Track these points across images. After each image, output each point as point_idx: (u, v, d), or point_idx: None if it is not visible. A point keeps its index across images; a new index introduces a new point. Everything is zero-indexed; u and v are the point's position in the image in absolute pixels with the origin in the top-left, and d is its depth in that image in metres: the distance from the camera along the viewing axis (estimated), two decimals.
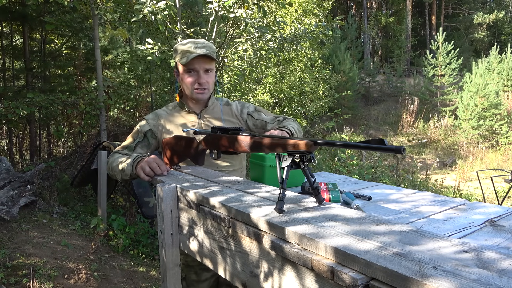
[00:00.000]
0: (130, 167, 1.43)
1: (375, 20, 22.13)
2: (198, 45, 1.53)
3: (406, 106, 13.87)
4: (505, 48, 13.61)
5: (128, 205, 4.33)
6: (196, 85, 1.55)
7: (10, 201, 3.56)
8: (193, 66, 1.53)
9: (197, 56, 1.50)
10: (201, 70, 1.54)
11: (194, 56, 1.49)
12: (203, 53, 1.50)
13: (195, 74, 1.55)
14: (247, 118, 1.68)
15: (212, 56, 1.53)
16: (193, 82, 1.55)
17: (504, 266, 0.58)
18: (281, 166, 0.95)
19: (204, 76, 1.55)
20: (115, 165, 1.52)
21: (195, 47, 1.52)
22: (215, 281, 1.64)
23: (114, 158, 1.56)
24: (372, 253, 0.64)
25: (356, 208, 1.15)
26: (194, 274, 1.60)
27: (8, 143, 6.24)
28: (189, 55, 1.51)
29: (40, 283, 2.49)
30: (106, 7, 4.74)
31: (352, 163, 5.66)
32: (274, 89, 7.86)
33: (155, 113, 1.67)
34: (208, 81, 1.57)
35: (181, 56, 1.54)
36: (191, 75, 1.55)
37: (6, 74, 6.33)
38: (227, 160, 1.61)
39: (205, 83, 1.56)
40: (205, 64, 1.54)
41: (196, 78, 1.55)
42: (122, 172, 1.47)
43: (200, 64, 1.53)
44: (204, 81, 1.55)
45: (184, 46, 1.54)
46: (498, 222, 1.05)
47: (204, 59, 1.53)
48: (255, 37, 4.56)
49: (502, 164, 9.32)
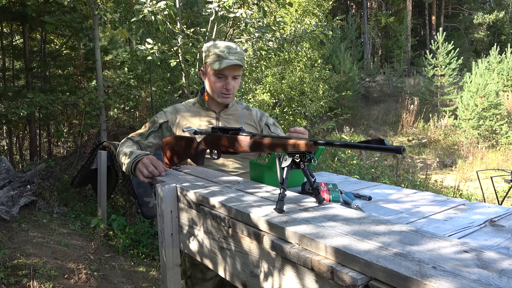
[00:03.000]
0: (129, 168, 1.44)
1: (375, 20, 22.13)
2: (231, 51, 1.54)
3: (406, 106, 13.87)
4: (505, 48, 13.62)
5: (128, 205, 4.33)
6: (223, 90, 1.58)
7: (10, 201, 3.56)
8: (224, 73, 1.56)
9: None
10: (230, 76, 1.57)
11: (228, 64, 1.51)
12: (235, 63, 1.52)
13: (224, 79, 1.57)
14: (264, 127, 1.72)
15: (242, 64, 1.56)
16: (221, 87, 1.58)
17: (504, 266, 0.58)
18: (281, 166, 0.95)
19: (231, 82, 1.58)
20: (121, 156, 1.53)
21: (228, 53, 1.53)
22: (220, 280, 1.65)
23: (124, 147, 1.57)
24: (372, 253, 0.64)
25: (356, 208, 1.15)
26: (199, 273, 1.60)
27: (8, 143, 6.24)
28: (222, 61, 1.52)
29: (40, 283, 2.49)
30: (106, 7, 4.74)
31: (352, 163, 5.66)
32: (274, 89, 7.85)
33: (174, 107, 1.69)
34: (234, 86, 1.60)
35: (213, 60, 1.54)
36: (220, 80, 1.57)
37: (6, 74, 6.34)
38: (238, 161, 1.62)
39: (232, 89, 1.59)
40: (235, 71, 1.57)
41: (224, 83, 1.57)
42: (123, 166, 1.49)
43: (231, 71, 1.56)
44: (231, 87, 1.58)
45: (216, 50, 1.54)
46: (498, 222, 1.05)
47: (234, 66, 1.55)
48: (255, 37, 4.56)
49: (502, 164, 9.32)
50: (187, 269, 1.63)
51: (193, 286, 1.61)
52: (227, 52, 1.53)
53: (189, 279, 1.62)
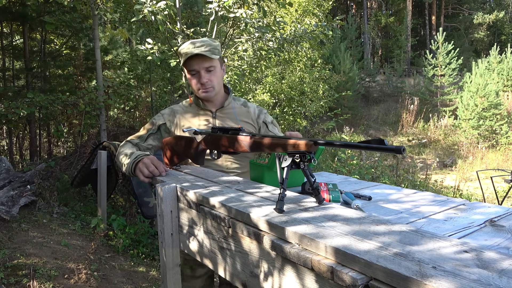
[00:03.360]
0: (129, 168, 1.44)
1: (375, 20, 22.13)
2: (196, 45, 1.50)
3: (406, 106, 13.87)
4: (505, 48, 13.61)
5: (128, 205, 4.33)
6: (199, 86, 1.55)
7: (10, 201, 3.56)
8: (193, 67, 1.53)
9: (194, 57, 1.49)
10: (202, 70, 1.53)
11: (188, 57, 1.49)
12: (197, 53, 1.48)
13: (197, 74, 1.54)
14: (262, 125, 1.69)
15: (209, 55, 1.49)
16: (196, 82, 1.55)
17: (504, 266, 0.58)
18: (281, 166, 0.95)
19: (205, 76, 1.53)
20: (121, 157, 1.53)
21: (193, 47, 1.50)
22: (209, 277, 1.66)
23: (124, 148, 1.57)
24: (372, 253, 0.64)
25: (356, 208, 1.15)
26: (189, 269, 1.61)
27: (8, 143, 6.24)
28: (186, 56, 1.50)
29: (40, 283, 2.49)
30: (106, 7, 4.74)
31: (352, 163, 5.66)
32: (274, 89, 7.86)
33: (171, 109, 1.68)
34: (211, 79, 1.55)
35: (182, 59, 1.54)
36: (194, 76, 1.55)
37: (6, 74, 6.34)
38: (237, 161, 1.61)
39: (208, 82, 1.54)
40: (204, 63, 1.52)
41: (198, 78, 1.54)
42: (123, 167, 1.49)
43: (199, 64, 1.52)
44: (206, 80, 1.53)
45: (183, 49, 1.53)
46: (498, 222, 1.05)
47: (202, 58, 1.50)
48: (255, 37, 4.56)
49: (502, 164, 9.32)
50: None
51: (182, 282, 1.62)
52: (192, 47, 1.50)
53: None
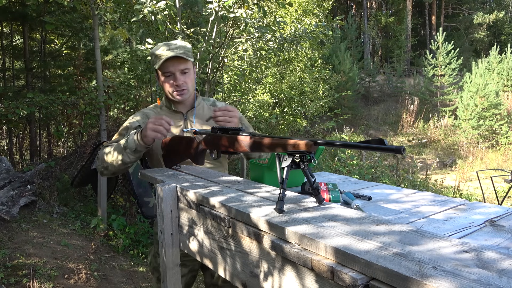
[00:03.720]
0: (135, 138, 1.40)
1: (375, 20, 22.14)
2: (171, 47, 1.51)
3: (406, 106, 13.87)
4: (505, 48, 13.62)
5: (128, 205, 4.33)
6: (174, 87, 1.54)
7: (10, 201, 3.56)
8: (168, 69, 1.52)
9: (170, 59, 1.49)
10: (177, 72, 1.53)
11: (164, 59, 1.48)
12: (173, 55, 1.48)
13: (172, 76, 1.54)
14: None
15: (185, 57, 1.51)
16: (171, 85, 1.55)
17: (504, 266, 0.58)
18: (281, 166, 0.95)
19: (180, 78, 1.54)
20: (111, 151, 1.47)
21: (168, 50, 1.50)
22: (192, 277, 1.67)
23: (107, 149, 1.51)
24: (372, 253, 0.64)
25: (356, 208, 1.15)
26: None
27: (8, 143, 6.24)
28: (161, 58, 1.50)
29: (40, 283, 2.49)
30: (106, 7, 4.73)
31: (352, 163, 5.66)
32: (274, 89, 7.86)
33: (143, 112, 1.66)
34: (186, 81, 1.55)
35: (155, 61, 1.53)
36: (168, 78, 1.54)
37: (6, 74, 6.34)
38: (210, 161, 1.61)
39: (183, 84, 1.54)
40: (179, 65, 1.52)
41: (173, 80, 1.54)
42: (124, 150, 1.43)
43: (175, 66, 1.52)
44: (181, 82, 1.54)
45: (157, 51, 1.53)
46: (498, 222, 1.05)
47: (178, 60, 1.51)
48: (255, 37, 4.56)
49: (502, 164, 9.32)
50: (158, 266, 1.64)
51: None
52: (167, 49, 1.50)
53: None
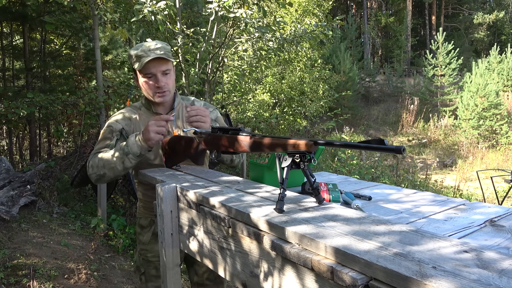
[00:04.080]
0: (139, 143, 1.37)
1: (375, 20, 22.14)
2: (151, 48, 1.48)
3: (406, 106, 13.87)
4: (505, 48, 13.62)
5: (128, 205, 4.33)
6: (156, 89, 1.52)
7: (10, 201, 3.56)
8: (150, 71, 1.49)
9: (151, 60, 1.47)
10: (158, 73, 1.50)
11: (147, 60, 1.46)
12: (156, 56, 1.46)
13: (153, 78, 1.51)
14: None
15: (166, 57, 1.49)
16: (152, 86, 1.51)
17: (504, 266, 0.58)
18: (281, 166, 0.95)
19: (162, 79, 1.51)
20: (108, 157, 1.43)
21: (148, 50, 1.48)
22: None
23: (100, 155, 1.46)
24: (372, 253, 0.64)
25: (356, 208, 1.15)
26: (153, 269, 1.62)
27: (8, 143, 6.24)
28: (143, 60, 1.46)
29: (40, 283, 2.49)
30: (106, 7, 4.73)
31: (352, 163, 5.66)
32: (274, 89, 7.86)
33: (123, 114, 1.61)
34: (167, 82, 1.52)
35: (135, 61, 1.50)
36: (149, 79, 1.51)
37: (6, 74, 6.34)
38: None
39: (165, 85, 1.52)
40: (160, 66, 1.50)
41: (154, 81, 1.51)
42: (126, 156, 1.40)
43: (156, 67, 1.49)
44: (163, 83, 1.51)
45: (137, 51, 1.49)
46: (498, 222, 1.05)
47: (159, 61, 1.49)
48: (255, 37, 4.56)
49: (502, 164, 9.32)
50: (140, 266, 1.66)
51: (146, 282, 1.63)
52: (147, 50, 1.48)
53: (143, 275, 1.64)
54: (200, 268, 1.70)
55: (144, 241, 1.65)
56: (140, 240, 1.67)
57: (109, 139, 1.54)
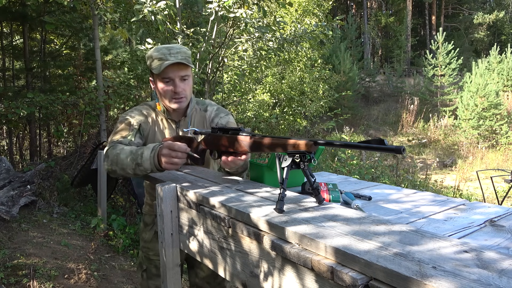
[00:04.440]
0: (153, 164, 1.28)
1: (375, 20, 22.14)
2: (172, 52, 1.44)
3: (406, 106, 13.87)
4: (505, 48, 13.62)
5: (128, 205, 4.33)
6: (173, 94, 1.47)
7: (10, 201, 3.56)
8: (168, 75, 1.45)
9: (171, 64, 1.43)
10: (177, 78, 1.46)
11: (167, 64, 1.41)
12: (176, 61, 1.42)
13: (171, 82, 1.47)
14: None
15: (186, 63, 1.45)
16: (170, 91, 1.47)
17: (504, 266, 0.58)
18: (281, 166, 0.95)
19: (180, 85, 1.47)
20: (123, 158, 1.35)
21: (169, 54, 1.44)
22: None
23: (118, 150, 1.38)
24: (372, 253, 0.64)
25: (356, 208, 1.15)
26: (154, 268, 1.64)
27: (8, 143, 6.24)
28: (162, 63, 1.43)
29: (40, 283, 2.49)
30: (106, 7, 4.74)
31: (352, 163, 5.66)
32: (274, 89, 7.86)
33: (139, 110, 1.58)
34: (185, 88, 1.48)
35: (155, 64, 1.46)
36: (167, 84, 1.47)
37: (6, 74, 6.34)
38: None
39: (182, 91, 1.48)
40: (180, 71, 1.46)
41: (172, 87, 1.47)
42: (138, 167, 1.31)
43: (175, 72, 1.45)
44: (181, 89, 1.47)
45: (157, 53, 1.46)
46: (498, 222, 1.05)
47: (178, 66, 1.45)
48: (255, 37, 4.56)
49: (502, 164, 9.32)
50: (143, 262, 1.67)
51: (147, 279, 1.66)
52: (168, 53, 1.44)
53: (145, 272, 1.66)
54: (201, 271, 1.71)
55: (146, 239, 1.66)
56: (142, 237, 1.68)
57: (126, 130, 1.49)
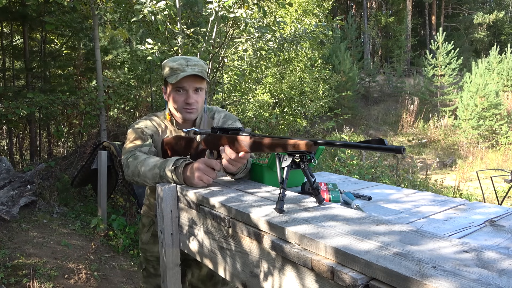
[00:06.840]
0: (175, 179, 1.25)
1: (375, 20, 22.14)
2: (190, 64, 1.46)
3: (406, 106, 13.87)
4: (505, 48, 13.62)
5: (128, 205, 4.33)
6: (185, 105, 1.48)
7: (10, 201, 3.56)
8: (182, 85, 1.46)
9: (188, 75, 1.44)
10: (191, 89, 1.47)
11: (184, 75, 1.42)
12: (193, 73, 1.43)
13: (184, 93, 1.47)
14: None
15: (202, 76, 1.46)
16: (182, 101, 1.47)
17: (504, 266, 0.58)
18: (281, 166, 0.95)
19: (193, 96, 1.47)
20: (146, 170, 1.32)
21: (186, 65, 1.45)
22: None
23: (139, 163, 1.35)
24: (372, 253, 0.64)
25: (356, 208, 1.15)
26: (152, 268, 1.68)
27: (8, 143, 6.24)
28: (178, 73, 1.44)
29: (40, 283, 2.49)
30: (106, 7, 4.73)
31: (352, 163, 5.66)
32: (274, 89, 7.86)
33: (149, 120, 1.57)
34: (197, 100, 1.49)
35: (170, 74, 1.46)
36: (180, 94, 1.47)
37: (6, 74, 6.34)
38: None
39: (194, 103, 1.48)
40: (195, 83, 1.47)
41: (185, 97, 1.47)
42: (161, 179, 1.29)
43: (190, 83, 1.46)
44: (193, 101, 1.47)
45: (174, 63, 1.46)
46: (498, 222, 1.05)
47: (194, 78, 1.46)
48: (255, 37, 4.56)
49: (502, 164, 9.32)
50: (142, 262, 1.72)
51: (146, 278, 1.71)
52: (185, 64, 1.45)
53: (144, 271, 1.72)
54: (197, 271, 1.72)
55: (144, 241, 1.68)
56: (141, 238, 1.70)
57: (142, 139, 1.48)
